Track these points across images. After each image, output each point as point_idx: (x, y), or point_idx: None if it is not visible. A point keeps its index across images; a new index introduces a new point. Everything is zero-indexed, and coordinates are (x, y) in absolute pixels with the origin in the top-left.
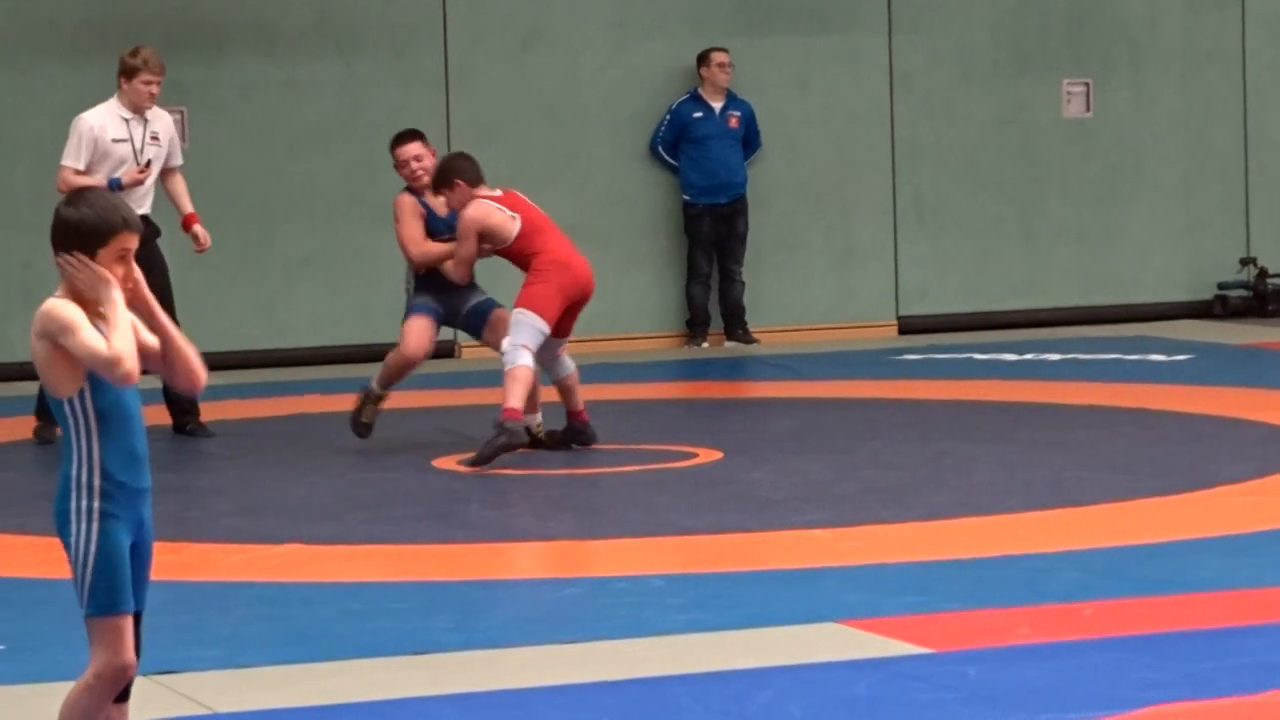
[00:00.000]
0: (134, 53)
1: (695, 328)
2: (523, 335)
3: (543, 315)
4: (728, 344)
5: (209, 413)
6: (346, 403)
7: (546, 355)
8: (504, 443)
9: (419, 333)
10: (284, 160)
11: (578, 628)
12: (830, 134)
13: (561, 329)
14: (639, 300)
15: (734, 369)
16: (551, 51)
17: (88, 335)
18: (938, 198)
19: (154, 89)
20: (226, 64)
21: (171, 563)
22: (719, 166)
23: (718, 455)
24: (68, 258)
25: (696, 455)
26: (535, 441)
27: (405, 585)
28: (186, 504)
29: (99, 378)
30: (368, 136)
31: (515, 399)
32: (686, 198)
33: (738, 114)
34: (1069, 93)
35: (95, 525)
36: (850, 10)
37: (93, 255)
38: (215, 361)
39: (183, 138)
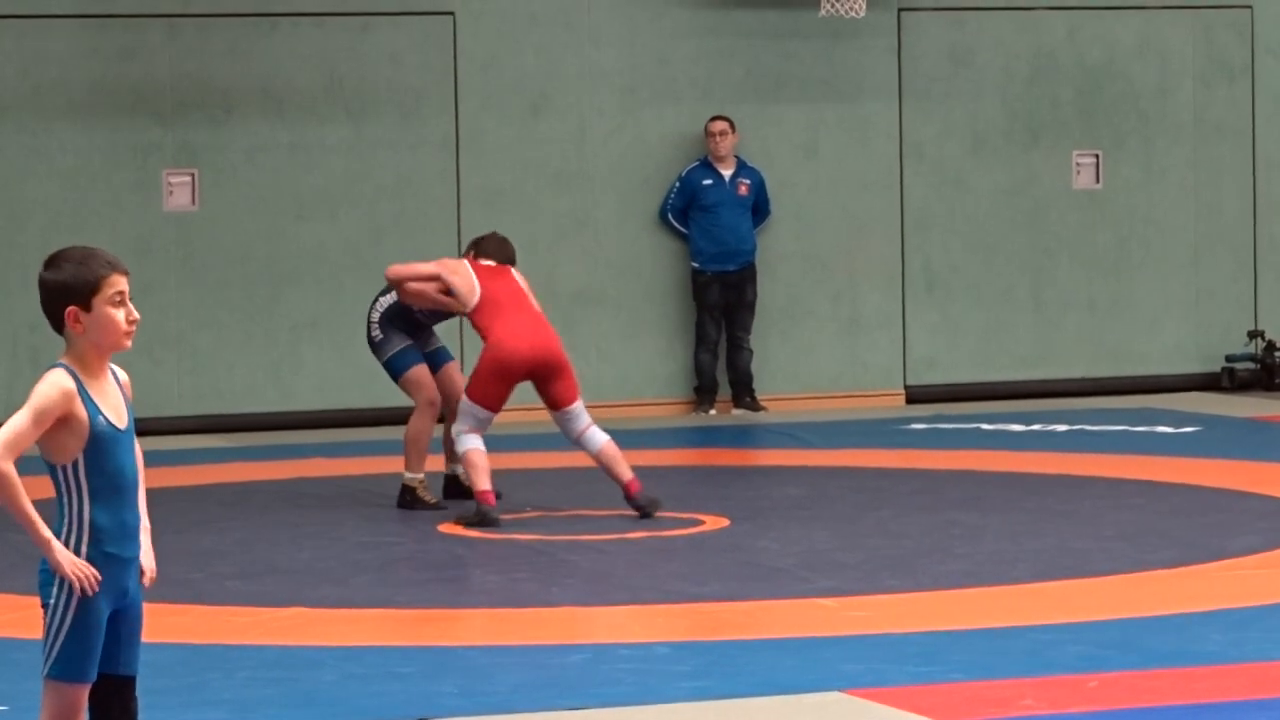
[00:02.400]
0: None
1: (703, 394)
2: (463, 422)
3: (477, 401)
4: (735, 411)
5: (217, 474)
6: (352, 466)
7: (566, 432)
8: (475, 521)
9: (427, 383)
10: (292, 223)
11: (582, 694)
12: (839, 202)
13: (550, 400)
14: (647, 366)
15: (741, 436)
16: (561, 117)
17: (18, 420)
18: (947, 267)
19: None
20: (236, 127)
21: (176, 625)
22: (728, 234)
23: (724, 522)
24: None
25: (703, 522)
26: (461, 490)
27: (410, 649)
28: (191, 566)
29: (95, 452)
30: (376, 200)
31: (478, 483)
32: (695, 265)
33: (748, 181)
34: (1079, 164)
35: (76, 593)
36: (860, 79)
37: (88, 308)
38: (221, 424)
39: (192, 200)
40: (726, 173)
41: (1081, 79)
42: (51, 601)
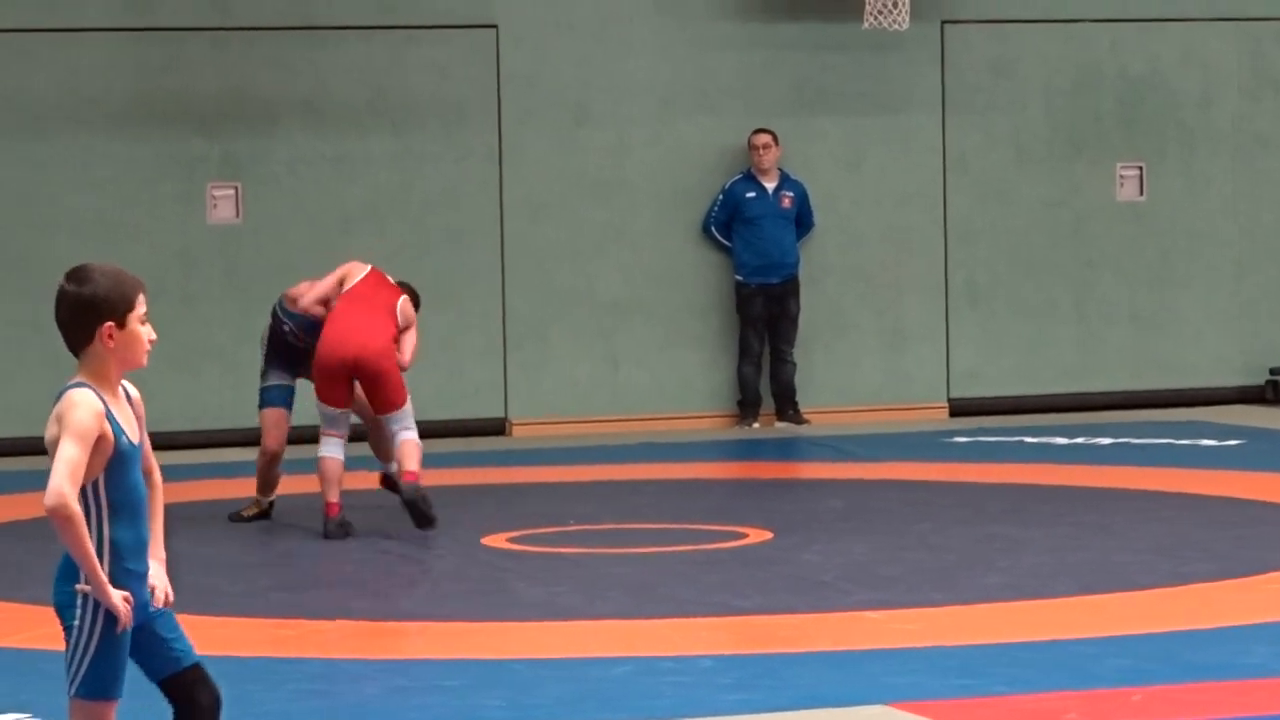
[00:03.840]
0: None
1: (746, 408)
2: (323, 424)
3: (325, 401)
4: (778, 424)
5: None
6: None
7: (390, 434)
8: (325, 533)
9: (274, 427)
10: (335, 235)
11: (626, 707)
12: (882, 215)
13: (374, 405)
14: (690, 379)
15: (784, 449)
16: (602, 128)
17: (69, 454)
18: (990, 280)
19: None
20: (279, 139)
21: (220, 638)
22: (771, 246)
23: (767, 535)
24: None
25: (746, 535)
26: (393, 488)
27: (454, 663)
28: (234, 579)
29: (116, 469)
30: (419, 212)
31: (324, 493)
32: (739, 277)
33: (791, 194)
34: (1123, 176)
35: (103, 612)
36: (904, 92)
37: (123, 324)
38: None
39: (236, 213)
40: (770, 185)
41: (1124, 91)
42: (76, 622)
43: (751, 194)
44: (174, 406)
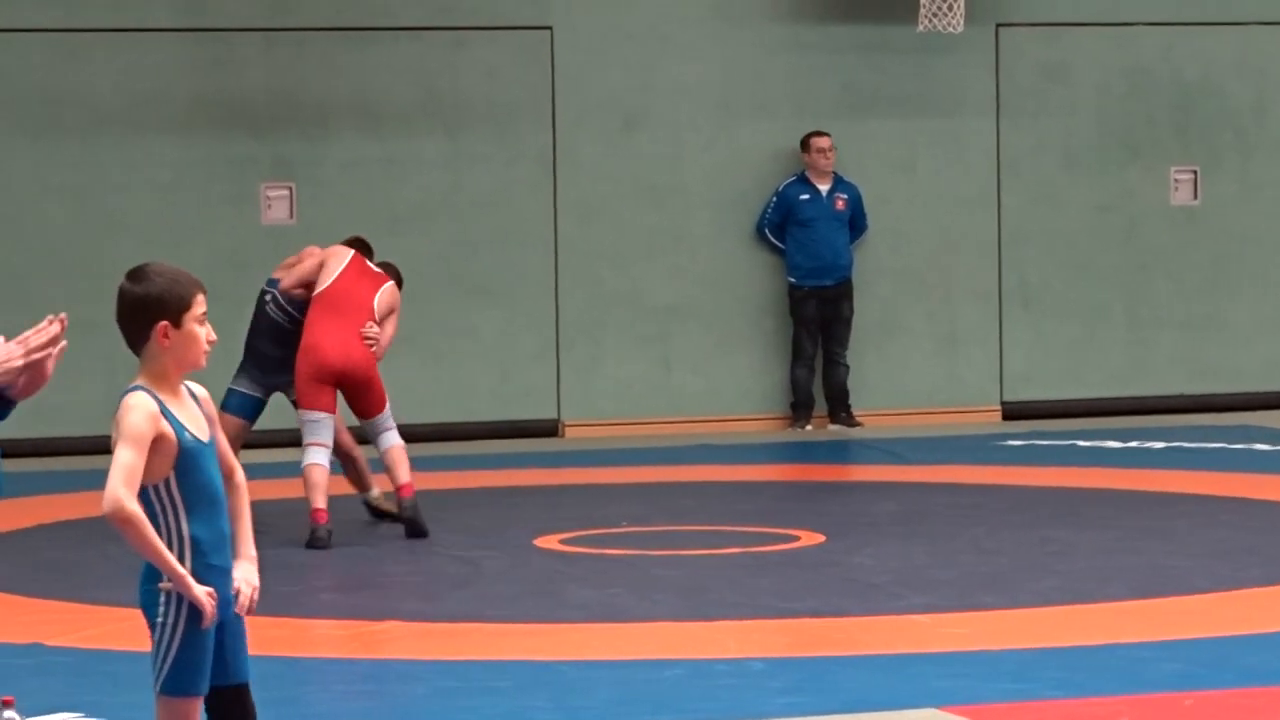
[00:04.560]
0: None
1: (799, 410)
2: (306, 433)
3: (309, 406)
4: (831, 427)
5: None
6: (444, 480)
7: (368, 432)
8: (309, 541)
9: (231, 433)
10: (387, 237)
11: (677, 709)
12: (935, 218)
13: (355, 412)
14: (742, 382)
15: (837, 452)
16: (656, 131)
17: (125, 459)
18: (1043, 283)
19: None
20: (331, 140)
21: (272, 638)
22: (825, 249)
23: (820, 538)
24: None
25: (798, 538)
26: (379, 514)
27: (504, 664)
28: (287, 579)
29: (187, 466)
30: (470, 214)
31: (311, 500)
32: (792, 280)
33: (845, 196)
34: (1177, 180)
35: (186, 607)
36: (957, 95)
37: (179, 324)
38: None
39: (290, 213)
40: (824, 188)
41: (1178, 95)
42: (160, 619)
43: (805, 196)
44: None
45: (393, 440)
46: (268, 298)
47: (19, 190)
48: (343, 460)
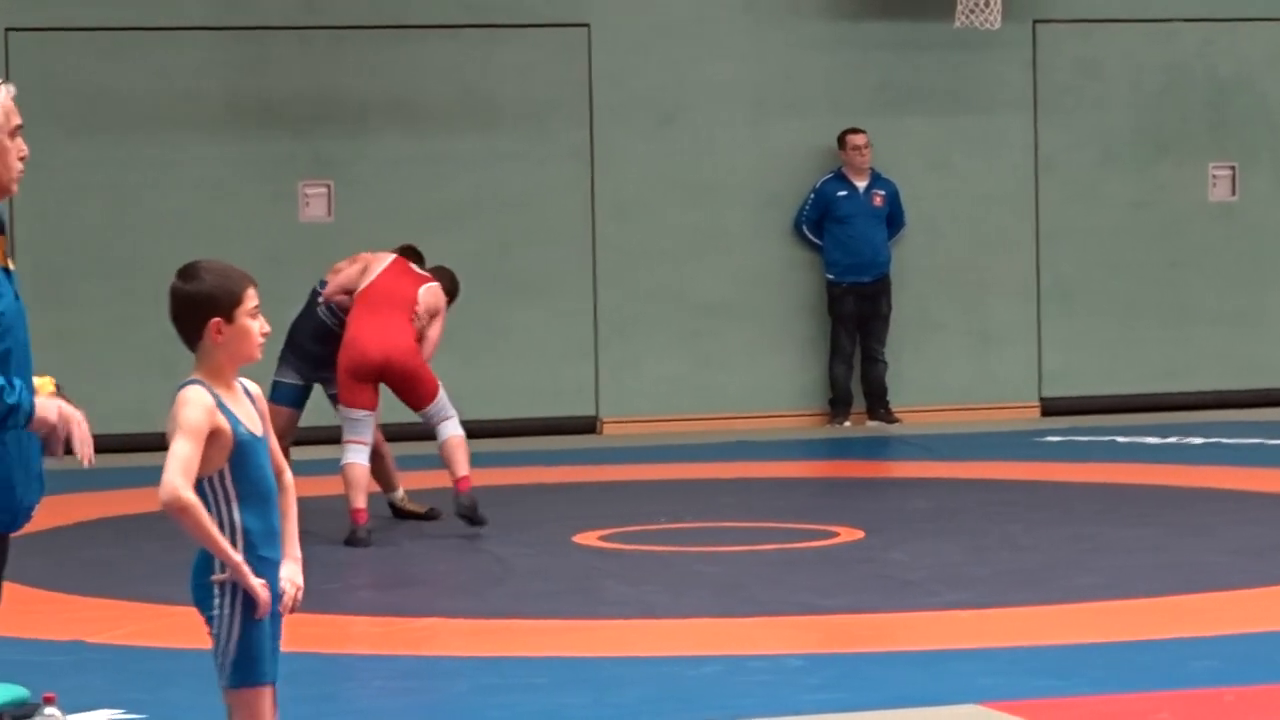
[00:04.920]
0: None
1: (837, 407)
2: (346, 431)
3: (350, 404)
4: (869, 424)
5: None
6: (481, 478)
7: (429, 426)
8: (347, 540)
9: (279, 426)
10: (425, 234)
11: (714, 706)
12: (972, 215)
13: (408, 403)
14: (781, 379)
15: (875, 448)
16: (693, 129)
17: (180, 450)
18: (1080, 279)
19: None
20: (369, 138)
21: (311, 635)
22: (863, 245)
23: (858, 534)
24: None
25: (836, 534)
26: (402, 514)
27: (542, 660)
28: (326, 576)
29: (241, 459)
30: (508, 212)
31: (350, 500)
32: (830, 276)
33: (882, 193)
34: (1214, 176)
35: (240, 598)
36: (994, 92)
37: (231, 319)
38: None
39: (327, 211)
40: (861, 184)
41: (1214, 91)
42: (216, 613)
43: (843, 193)
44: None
45: (449, 431)
46: (320, 301)
47: (58, 189)
48: (370, 457)
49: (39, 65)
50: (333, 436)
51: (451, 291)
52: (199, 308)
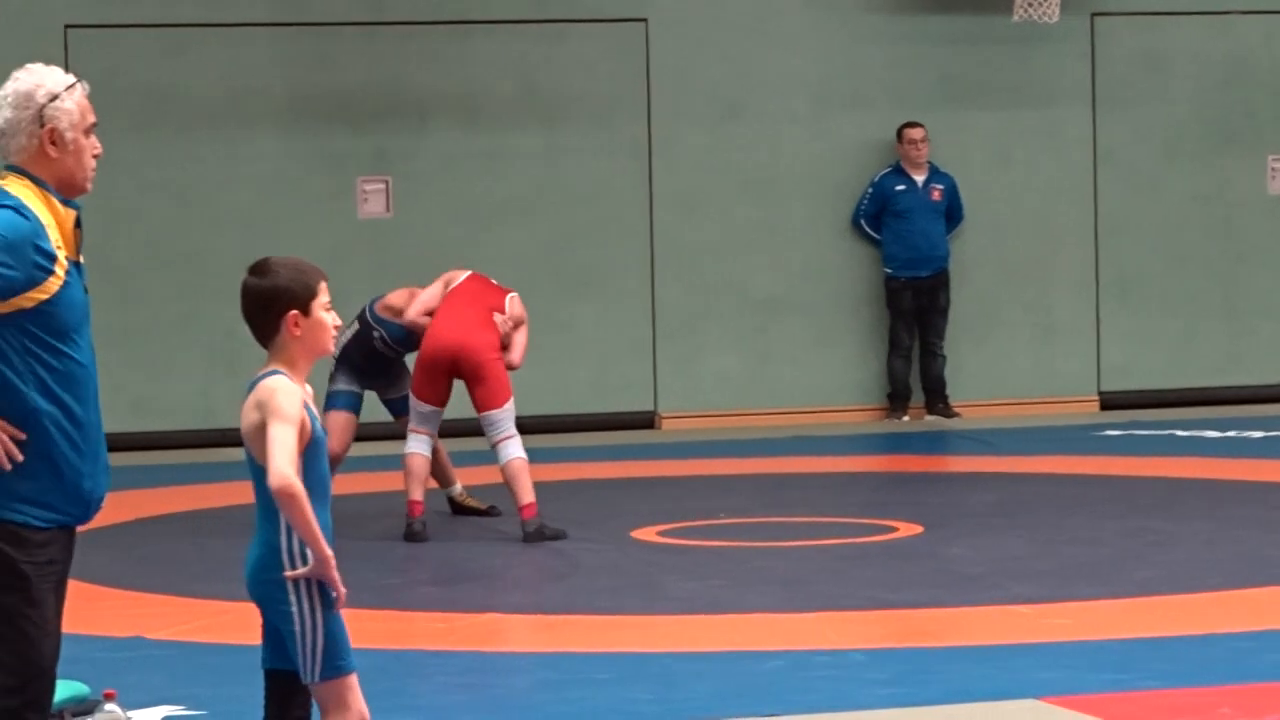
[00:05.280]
0: None
1: (896, 401)
2: (412, 419)
3: (419, 397)
4: (928, 418)
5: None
6: (542, 473)
7: (490, 442)
8: (406, 534)
9: (340, 431)
10: (484, 230)
11: (778, 701)
12: (1032, 208)
13: (474, 400)
14: (840, 373)
15: (934, 443)
16: (753, 123)
17: (285, 437)
18: (1140, 273)
19: None
20: (430, 134)
21: (372, 631)
22: (921, 239)
23: (918, 529)
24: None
25: (896, 529)
26: (461, 509)
27: (604, 656)
28: (386, 572)
29: (313, 454)
30: (567, 207)
31: (408, 491)
32: (888, 271)
33: (940, 187)
34: (1274, 168)
35: (318, 592)
36: (1053, 85)
37: (307, 312)
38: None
39: (386, 207)
40: (919, 178)
41: (1275, 83)
42: (293, 609)
43: (901, 187)
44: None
45: (509, 454)
46: (376, 334)
47: (121, 185)
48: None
49: (100, 62)
50: (390, 433)
51: None
52: (275, 302)
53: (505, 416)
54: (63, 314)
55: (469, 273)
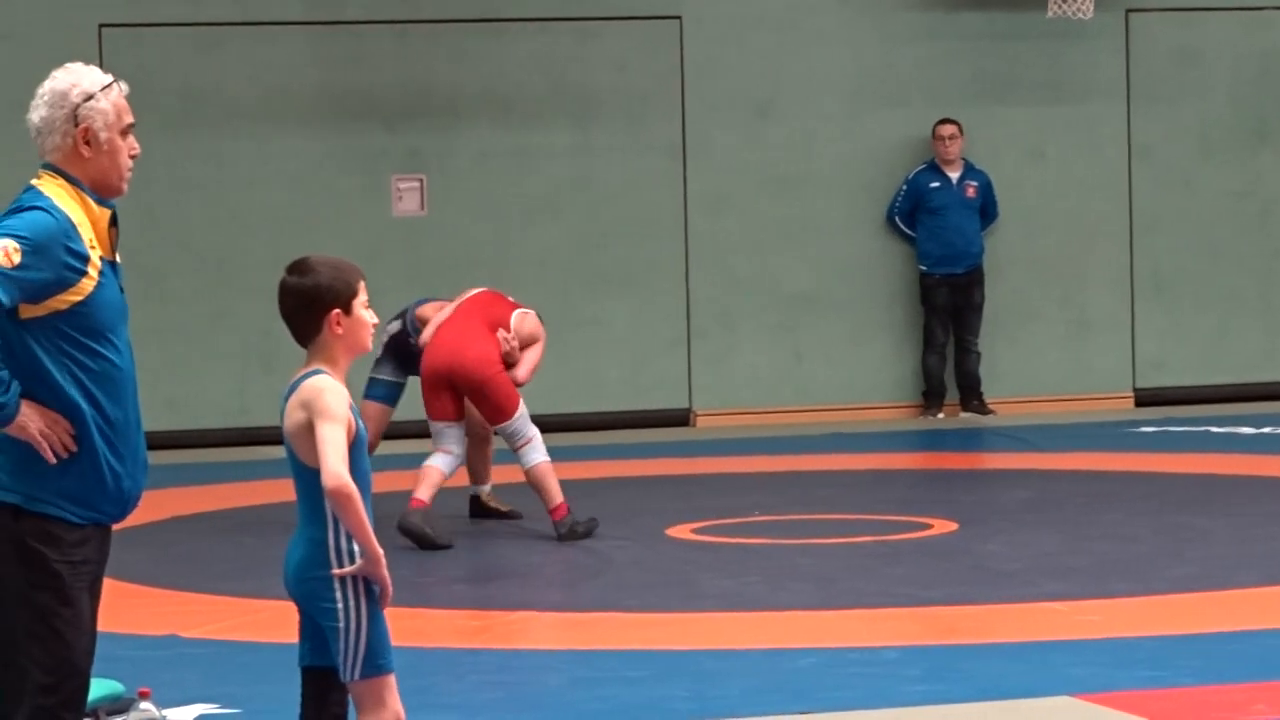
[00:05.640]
0: None
1: (930, 398)
2: (433, 440)
3: (429, 415)
4: (963, 415)
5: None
6: (573, 471)
7: (511, 450)
8: (400, 525)
9: (372, 421)
10: (518, 228)
11: (812, 698)
12: (1066, 205)
13: (484, 416)
14: (874, 370)
15: (969, 440)
16: (786, 121)
17: (336, 437)
18: (1175, 269)
19: None
20: (462, 132)
21: (405, 628)
22: (955, 236)
23: (952, 526)
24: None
25: (931, 526)
26: (483, 510)
27: (638, 653)
28: (419, 570)
29: (357, 452)
30: (601, 204)
31: (415, 490)
32: (923, 268)
33: (975, 184)
34: None
35: (364, 590)
36: (1087, 81)
37: (349, 311)
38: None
39: (420, 205)
40: (954, 175)
41: None
42: (339, 606)
43: (935, 184)
44: (359, 398)
45: (530, 459)
46: (413, 341)
47: (155, 184)
48: (472, 440)
49: (133, 61)
50: (422, 430)
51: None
52: (316, 301)
53: (519, 425)
54: (97, 314)
55: (482, 289)
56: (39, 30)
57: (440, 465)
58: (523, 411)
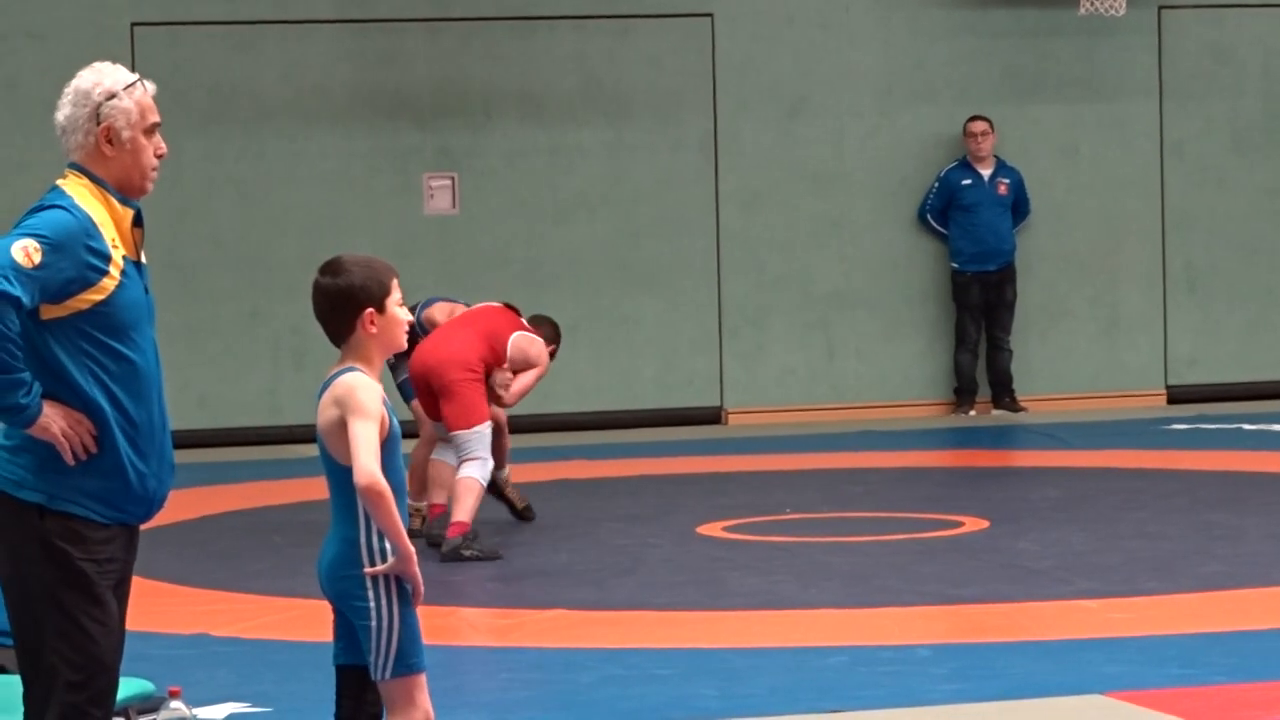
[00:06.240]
0: None
1: (962, 395)
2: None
3: (426, 414)
4: (995, 412)
5: None
6: (610, 469)
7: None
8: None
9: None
10: (550, 226)
11: (841, 696)
12: (1099, 202)
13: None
14: (906, 367)
15: (1000, 437)
16: (819, 118)
17: (369, 434)
18: (1208, 266)
19: None
20: (494, 131)
21: (437, 627)
22: (988, 233)
23: (984, 524)
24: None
25: (962, 524)
26: (499, 494)
27: (669, 651)
28: (451, 568)
29: (391, 450)
30: (633, 202)
31: (431, 496)
32: (955, 265)
33: (1007, 181)
34: None
35: (395, 589)
36: (1120, 78)
37: (382, 309)
38: None
39: (452, 203)
40: (985, 172)
41: None
42: (372, 604)
43: (967, 181)
44: (392, 395)
45: (468, 471)
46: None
47: (188, 183)
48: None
49: (165, 60)
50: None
51: (553, 338)
52: (350, 299)
53: (473, 439)
54: (119, 314)
55: (492, 304)
56: (71, 29)
57: (450, 461)
58: (483, 432)
